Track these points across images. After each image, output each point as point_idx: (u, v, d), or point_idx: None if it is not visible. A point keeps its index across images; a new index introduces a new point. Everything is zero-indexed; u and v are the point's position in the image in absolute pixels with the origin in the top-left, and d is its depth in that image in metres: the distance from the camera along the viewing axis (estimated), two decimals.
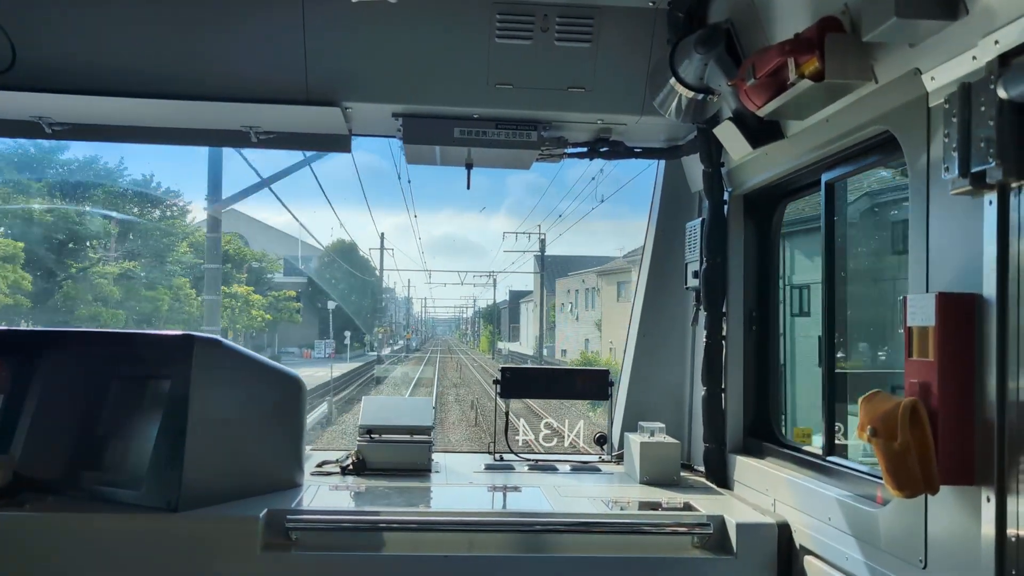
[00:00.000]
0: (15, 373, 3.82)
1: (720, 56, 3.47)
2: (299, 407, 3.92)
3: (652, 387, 4.80)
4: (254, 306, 43.43)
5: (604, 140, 4.49)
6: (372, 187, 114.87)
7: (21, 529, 3.28)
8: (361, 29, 3.92)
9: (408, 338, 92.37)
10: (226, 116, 4.16)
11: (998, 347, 2.19)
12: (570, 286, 64.43)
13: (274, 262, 52.66)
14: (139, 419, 3.66)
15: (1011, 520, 2.14)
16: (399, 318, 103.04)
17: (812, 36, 2.75)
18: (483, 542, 3.39)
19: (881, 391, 2.47)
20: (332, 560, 3.31)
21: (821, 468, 3.35)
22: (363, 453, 4.28)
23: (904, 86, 2.58)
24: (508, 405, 4.80)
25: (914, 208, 2.55)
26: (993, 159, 2.11)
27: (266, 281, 49.67)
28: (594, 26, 3.93)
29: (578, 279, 60.86)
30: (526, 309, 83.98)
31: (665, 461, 4.19)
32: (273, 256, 52.27)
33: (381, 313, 76.48)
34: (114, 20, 3.85)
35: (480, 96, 4.07)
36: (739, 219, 4.14)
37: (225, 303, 36.40)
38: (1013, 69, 2.08)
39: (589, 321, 57.37)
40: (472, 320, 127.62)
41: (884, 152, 3.01)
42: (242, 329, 42.64)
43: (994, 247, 2.18)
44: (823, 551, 3.12)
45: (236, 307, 41.01)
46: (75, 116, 4.22)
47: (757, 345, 4.13)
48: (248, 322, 43.18)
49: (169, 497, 3.32)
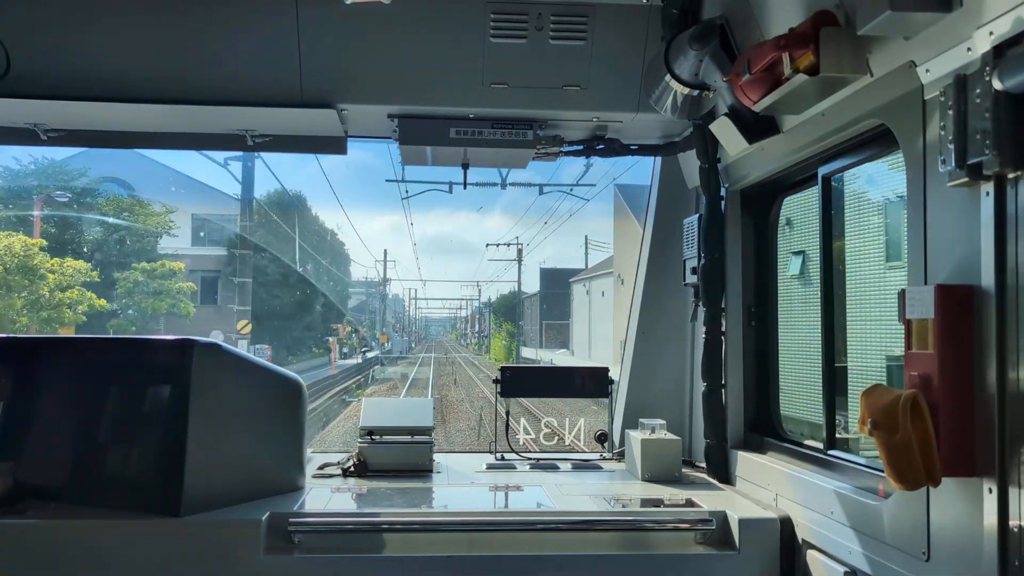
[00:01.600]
0: (15, 380, 3.81)
1: (715, 52, 3.47)
2: (299, 410, 3.92)
3: (652, 384, 4.81)
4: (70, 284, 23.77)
5: (600, 138, 4.49)
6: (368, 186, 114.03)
7: (23, 537, 3.28)
8: (355, 31, 3.91)
9: (384, 341, 64.49)
10: (222, 120, 4.16)
11: (997, 338, 2.19)
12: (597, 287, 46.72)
13: (162, 219, 32.41)
14: (140, 424, 3.66)
15: (1013, 511, 2.14)
16: (388, 316, 77.79)
17: (807, 30, 2.75)
18: (486, 542, 3.39)
19: (881, 384, 2.47)
20: (335, 562, 3.30)
21: (822, 462, 3.36)
22: (364, 455, 4.27)
23: (899, 79, 2.58)
24: (508, 404, 4.80)
25: (911, 201, 2.55)
26: (989, 150, 2.11)
27: (150, 249, 31.82)
28: (588, 24, 3.94)
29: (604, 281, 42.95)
30: (581, 293, 52.71)
31: (666, 458, 4.19)
32: (166, 210, 32.64)
33: (360, 311, 64.67)
34: (109, 26, 3.84)
35: (475, 96, 4.07)
36: (736, 214, 4.15)
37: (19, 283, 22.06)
38: (1008, 60, 2.08)
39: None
40: (474, 317, 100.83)
41: (880, 145, 3.02)
42: (41, 322, 23.33)
43: (992, 238, 2.18)
44: (826, 545, 3.13)
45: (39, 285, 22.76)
46: (71, 122, 4.22)
47: (756, 340, 4.14)
48: (53, 313, 23.42)
49: (171, 502, 3.32)
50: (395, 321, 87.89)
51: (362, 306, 72.07)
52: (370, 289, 72.43)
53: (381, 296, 71.11)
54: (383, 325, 72.01)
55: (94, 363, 3.91)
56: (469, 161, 4.56)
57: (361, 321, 65.14)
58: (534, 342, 63.81)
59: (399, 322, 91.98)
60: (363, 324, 65.52)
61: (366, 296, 73.11)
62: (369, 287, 73.00)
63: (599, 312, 45.93)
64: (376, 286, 72.61)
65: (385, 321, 75.50)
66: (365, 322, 67.43)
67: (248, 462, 3.67)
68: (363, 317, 68.65)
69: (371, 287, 72.96)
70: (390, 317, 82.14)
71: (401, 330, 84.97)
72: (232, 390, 3.66)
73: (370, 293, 73.32)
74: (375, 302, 73.02)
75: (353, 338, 52.99)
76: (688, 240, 4.39)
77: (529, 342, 63.03)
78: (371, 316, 71.59)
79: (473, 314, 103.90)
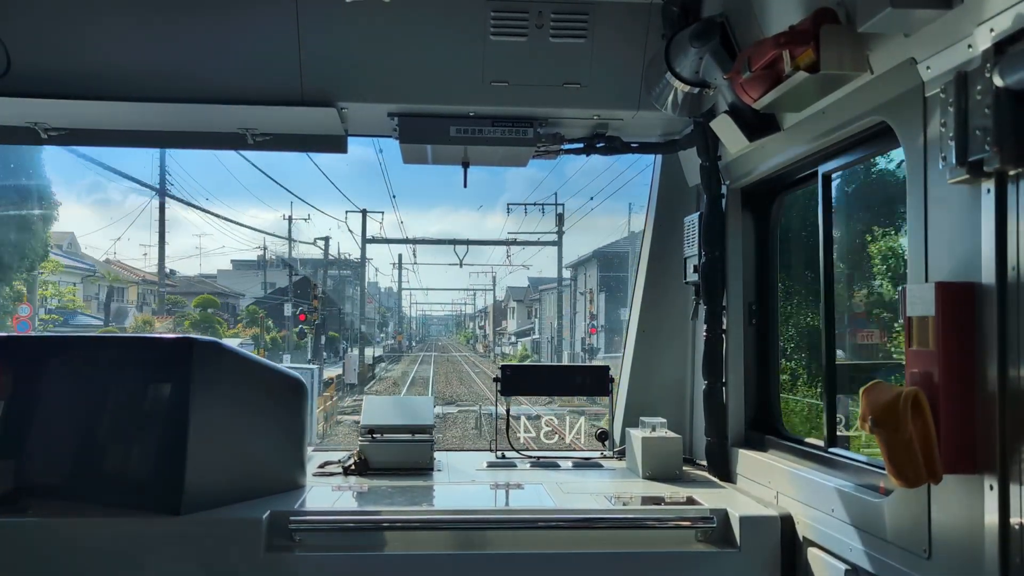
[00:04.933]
0: (16, 378, 3.81)
1: (715, 50, 3.47)
2: (300, 408, 3.92)
3: (653, 382, 4.81)
4: None
5: (600, 135, 4.48)
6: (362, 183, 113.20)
7: (24, 535, 3.28)
8: (356, 29, 3.91)
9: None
10: (222, 119, 4.16)
11: (998, 335, 2.19)
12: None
13: None
14: (140, 423, 3.66)
15: (1014, 508, 2.14)
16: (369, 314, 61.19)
17: (807, 28, 2.74)
18: (487, 540, 3.39)
19: (882, 381, 2.47)
20: (336, 560, 3.31)
21: (823, 460, 3.36)
22: (365, 453, 4.27)
23: (900, 76, 2.58)
24: (508, 403, 4.80)
25: (911, 198, 2.55)
26: (990, 147, 2.11)
27: None
28: (589, 22, 3.93)
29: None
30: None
31: (667, 456, 4.19)
32: None
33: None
34: (109, 25, 3.84)
35: (476, 94, 4.07)
36: (737, 212, 4.15)
37: None
38: (1008, 57, 2.08)
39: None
40: (501, 308, 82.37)
41: (881, 143, 3.02)
42: None
43: (992, 235, 2.18)
44: (827, 543, 3.13)
45: None
46: (71, 121, 4.21)
47: (757, 338, 4.14)
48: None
49: (172, 500, 3.32)
50: (380, 317, 66.14)
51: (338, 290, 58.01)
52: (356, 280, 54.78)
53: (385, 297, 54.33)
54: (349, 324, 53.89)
55: (95, 361, 3.91)
56: (469, 159, 4.56)
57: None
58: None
59: (383, 317, 69.78)
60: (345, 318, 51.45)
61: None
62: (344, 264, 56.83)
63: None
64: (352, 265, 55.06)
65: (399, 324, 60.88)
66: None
67: (249, 460, 3.67)
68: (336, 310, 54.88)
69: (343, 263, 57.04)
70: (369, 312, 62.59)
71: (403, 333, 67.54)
72: (232, 388, 3.66)
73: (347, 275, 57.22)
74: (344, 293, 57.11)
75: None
76: (689, 238, 4.39)
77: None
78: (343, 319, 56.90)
79: (499, 304, 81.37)
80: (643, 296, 4.85)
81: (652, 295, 4.83)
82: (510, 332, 73.45)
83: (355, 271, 55.20)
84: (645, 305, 4.84)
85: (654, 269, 4.82)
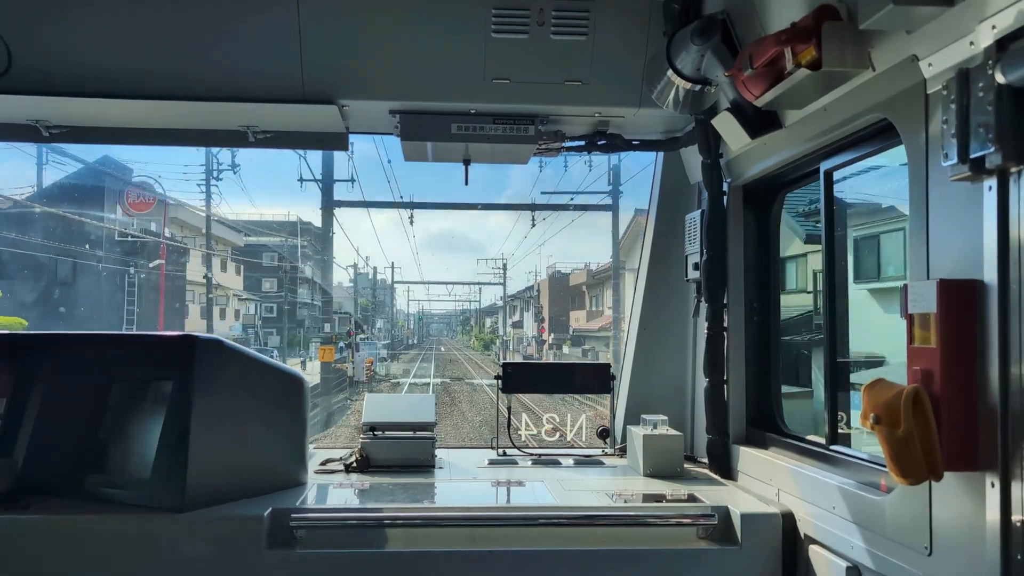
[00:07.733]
0: (17, 376, 3.82)
1: (717, 47, 3.46)
2: (301, 406, 3.92)
3: (654, 380, 4.81)
4: None
5: (602, 133, 4.48)
6: (365, 180, 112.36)
7: (25, 532, 3.28)
8: (357, 26, 3.91)
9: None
10: (223, 116, 4.16)
11: (1000, 333, 2.19)
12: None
13: None
14: (142, 420, 3.66)
15: (1016, 505, 2.14)
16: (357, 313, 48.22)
17: (809, 25, 2.74)
18: (488, 537, 3.40)
19: (883, 379, 2.47)
20: (338, 558, 3.31)
21: (824, 457, 3.36)
22: (366, 450, 4.28)
23: (902, 73, 2.58)
24: (509, 400, 4.81)
25: (913, 195, 2.54)
26: (992, 144, 2.11)
27: None
28: (590, 19, 3.93)
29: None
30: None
31: (668, 453, 4.20)
32: None
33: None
34: (110, 22, 3.84)
35: (477, 91, 4.06)
36: (739, 210, 4.14)
37: None
38: (1010, 54, 2.07)
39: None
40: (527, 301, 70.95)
41: (883, 140, 3.01)
42: None
43: (994, 232, 2.18)
44: (828, 540, 3.13)
45: None
46: (72, 119, 4.21)
47: (758, 336, 4.14)
48: None
49: (173, 498, 3.33)
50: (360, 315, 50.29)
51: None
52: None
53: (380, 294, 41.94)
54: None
55: (96, 359, 3.92)
56: (470, 157, 4.56)
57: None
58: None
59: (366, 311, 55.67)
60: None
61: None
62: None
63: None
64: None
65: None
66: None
67: (250, 458, 3.67)
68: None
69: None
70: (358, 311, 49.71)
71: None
72: (234, 386, 3.66)
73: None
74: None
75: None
76: (690, 235, 4.38)
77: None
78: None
79: (527, 295, 71.41)
80: (644, 293, 4.85)
81: (653, 293, 4.83)
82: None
83: (315, 239, 42.76)
84: (646, 303, 4.84)
85: (655, 266, 4.82)
